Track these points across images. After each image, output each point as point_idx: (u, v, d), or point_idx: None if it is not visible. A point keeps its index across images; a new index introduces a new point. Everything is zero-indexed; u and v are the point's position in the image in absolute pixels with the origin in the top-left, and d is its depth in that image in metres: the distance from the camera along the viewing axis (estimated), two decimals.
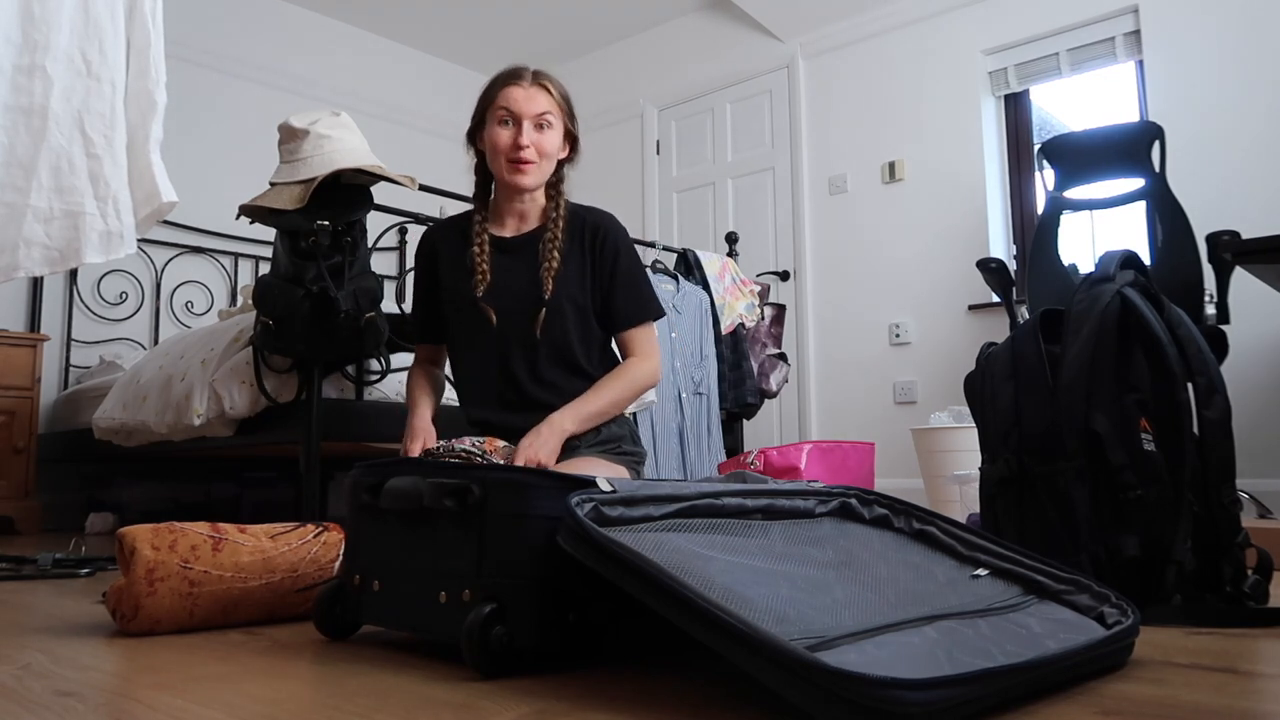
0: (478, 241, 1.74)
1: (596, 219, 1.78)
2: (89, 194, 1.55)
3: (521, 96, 1.67)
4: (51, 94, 1.50)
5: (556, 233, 1.73)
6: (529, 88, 1.68)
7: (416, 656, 1.04)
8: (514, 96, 1.67)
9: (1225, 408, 1.34)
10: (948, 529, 1.13)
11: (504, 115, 1.67)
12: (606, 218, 1.79)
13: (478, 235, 1.74)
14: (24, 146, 1.48)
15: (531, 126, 1.67)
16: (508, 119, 1.67)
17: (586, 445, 1.70)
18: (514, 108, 1.66)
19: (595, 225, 1.76)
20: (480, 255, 1.72)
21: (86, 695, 0.87)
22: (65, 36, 1.51)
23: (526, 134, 1.66)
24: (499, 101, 1.68)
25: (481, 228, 1.75)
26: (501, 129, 1.67)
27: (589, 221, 1.77)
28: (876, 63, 4.43)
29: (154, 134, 1.68)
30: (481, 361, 1.74)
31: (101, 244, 1.57)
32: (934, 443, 3.30)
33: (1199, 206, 2.73)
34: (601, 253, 1.75)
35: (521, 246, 1.76)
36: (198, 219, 4.24)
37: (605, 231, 1.76)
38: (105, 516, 3.59)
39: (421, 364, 1.87)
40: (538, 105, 1.68)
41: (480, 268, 1.71)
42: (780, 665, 0.69)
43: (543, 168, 1.71)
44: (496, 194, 1.78)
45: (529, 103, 1.67)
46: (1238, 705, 0.80)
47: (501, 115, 1.67)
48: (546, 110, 1.69)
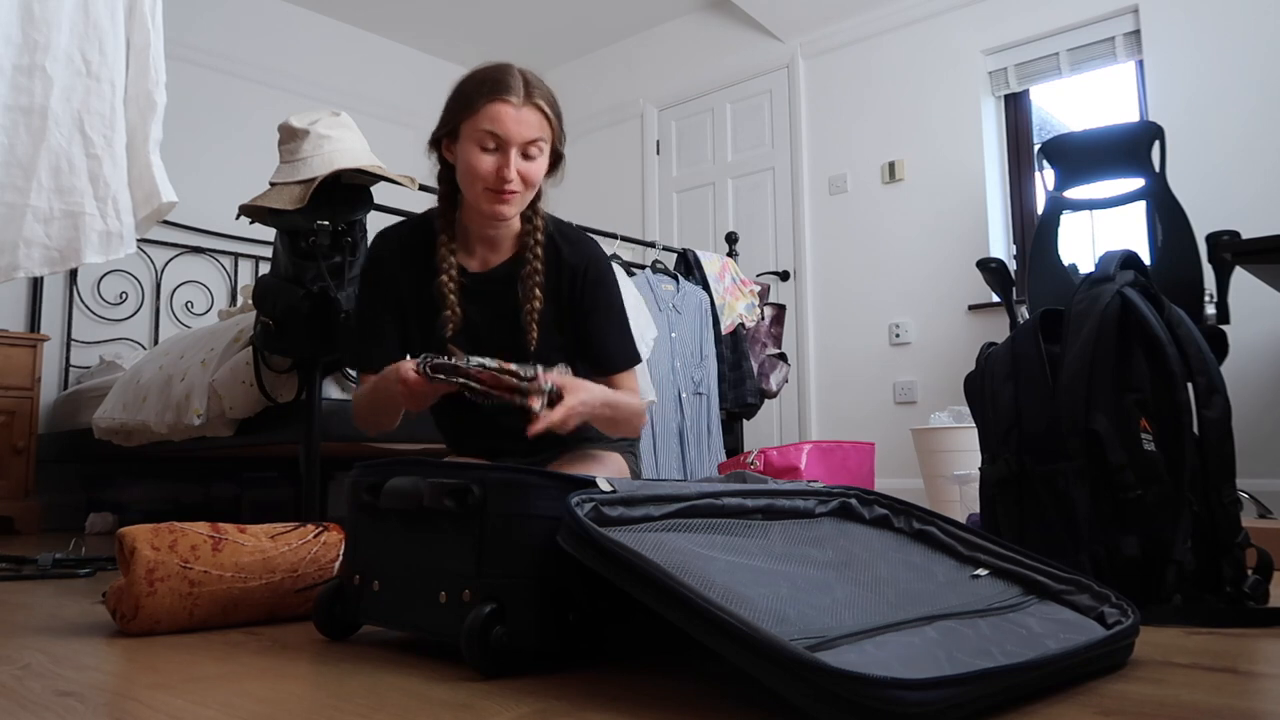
0: (445, 269, 1.49)
1: (577, 256, 1.55)
2: (89, 194, 1.55)
3: (512, 119, 1.42)
4: (51, 94, 1.50)
5: (536, 266, 1.51)
6: (520, 108, 1.42)
7: (416, 656, 1.04)
8: (503, 119, 1.41)
9: (1225, 407, 1.34)
10: (948, 529, 1.13)
11: (488, 139, 1.42)
12: (587, 251, 1.57)
13: (444, 261, 1.50)
14: (24, 146, 1.49)
15: (519, 154, 1.43)
16: (492, 144, 1.43)
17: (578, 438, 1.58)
18: (502, 131, 1.41)
19: (575, 265, 1.55)
20: (449, 288, 1.49)
21: (86, 695, 0.87)
22: (65, 36, 1.51)
23: (514, 164, 1.42)
24: (483, 121, 1.42)
25: (449, 251, 1.51)
26: (483, 154, 1.43)
27: (567, 258, 1.55)
28: (876, 63, 4.43)
29: (154, 134, 1.68)
30: (457, 408, 1.53)
31: (101, 244, 1.57)
32: (934, 443, 3.30)
33: (1199, 206, 2.73)
34: (584, 293, 1.55)
35: (495, 284, 1.54)
36: (198, 219, 4.24)
37: (587, 268, 1.55)
38: (105, 516, 3.59)
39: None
40: (529, 130, 1.43)
41: (450, 303, 1.49)
42: (780, 665, 0.69)
43: (526, 196, 1.48)
44: (464, 214, 1.54)
45: (519, 126, 1.42)
46: (1238, 705, 0.80)
47: (485, 138, 1.42)
48: (538, 137, 1.45)
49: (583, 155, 5.37)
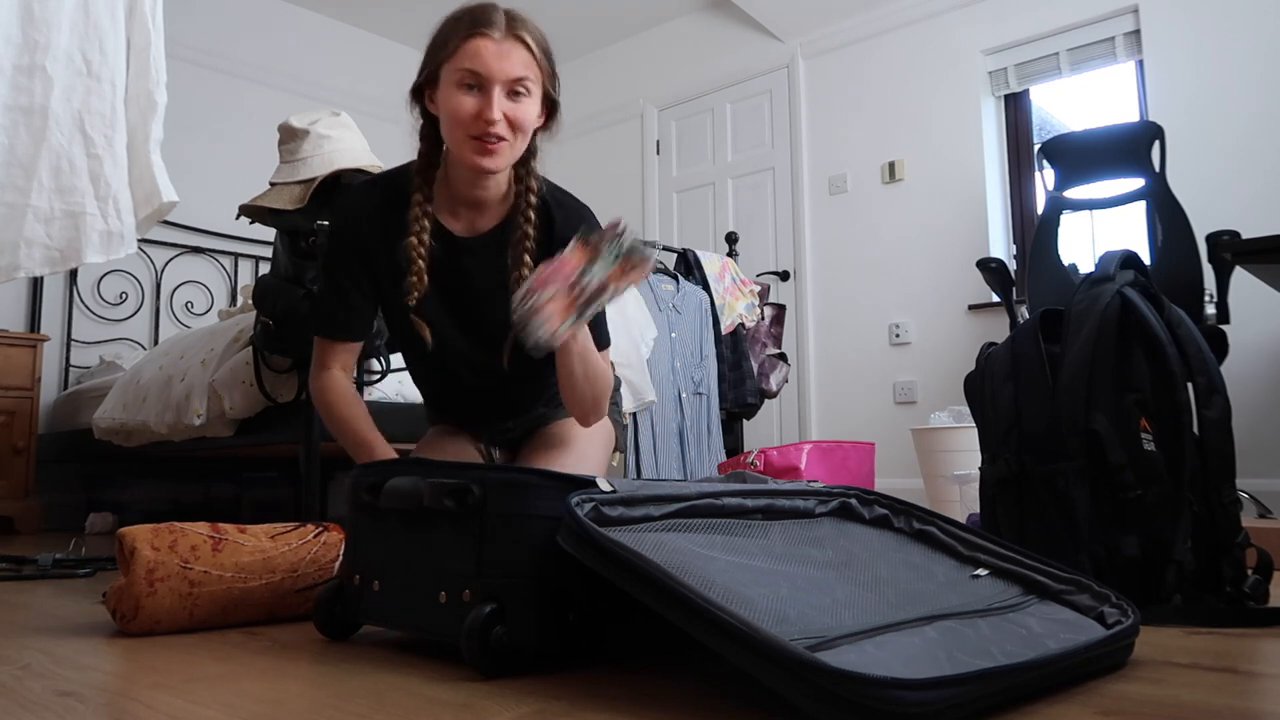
0: (416, 230, 1.35)
1: (569, 226, 1.38)
2: (89, 194, 1.55)
3: (492, 53, 1.27)
4: (52, 94, 1.50)
5: (527, 230, 1.37)
6: (502, 40, 1.28)
7: (416, 656, 1.04)
8: (482, 53, 1.27)
9: (1225, 407, 1.34)
10: (948, 529, 1.13)
11: (467, 77, 1.27)
12: (580, 220, 1.42)
13: (417, 221, 1.36)
14: (24, 146, 1.49)
15: (504, 93, 1.28)
16: (472, 82, 1.28)
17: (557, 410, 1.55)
18: (481, 68, 1.26)
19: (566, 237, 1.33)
20: (418, 251, 1.35)
21: (86, 695, 0.87)
22: (65, 36, 1.51)
23: (497, 104, 1.27)
24: (461, 58, 1.27)
25: (423, 211, 1.36)
26: (463, 95, 1.28)
27: (560, 227, 1.41)
28: (877, 63, 4.43)
29: (154, 134, 1.68)
30: (429, 375, 1.48)
31: (102, 244, 1.57)
32: (934, 443, 3.30)
33: (1199, 206, 2.73)
34: None
35: (480, 249, 1.41)
36: (198, 219, 4.24)
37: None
38: (105, 516, 3.59)
39: (332, 373, 1.44)
40: (513, 66, 1.28)
41: (417, 268, 1.35)
42: (780, 665, 0.69)
43: (515, 146, 1.33)
44: (448, 171, 1.39)
45: (502, 61, 1.27)
46: (1238, 705, 0.80)
47: (464, 77, 1.27)
48: (524, 75, 1.29)
49: (583, 155, 5.37)
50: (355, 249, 1.42)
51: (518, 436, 1.64)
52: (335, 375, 1.45)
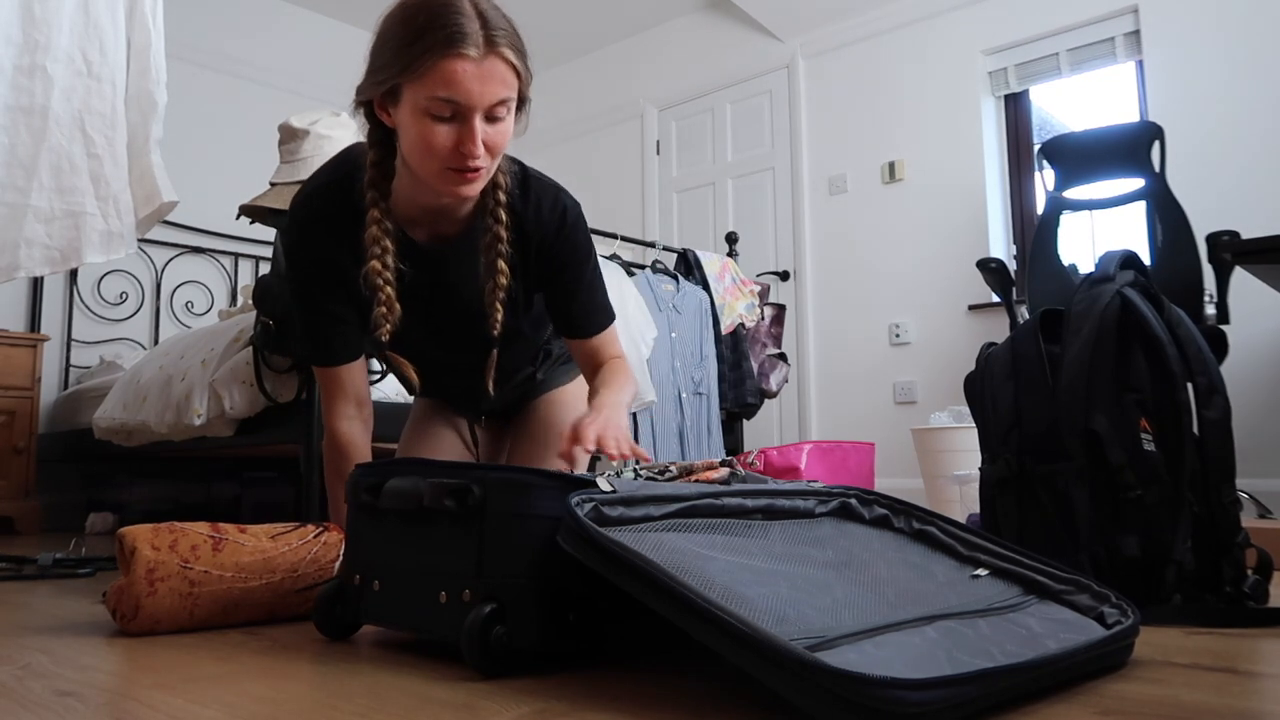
0: (377, 254, 1.20)
1: (543, 216, 1.29)
2: (90, 194, 1.55)
3: (472, 76, 1.09)
4: (52, 94, 1.50)
5: (499, 232, 1.25)
6: (481, 60, 1.09)
7: (416, 656, 1.04)
8: (460, 79, 1.08)
9: (1225, 408, 1.34)
10: (948, 529, 1.13)
11: (443, 108, 1.10)
12: (556, 210, 1.31)
13: (377, 243, 1.20)
14: (25, 146, 1.49)
15: (483, 118, 1.13)
16: (449, 113, 1.11)
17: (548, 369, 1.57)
18: (461, 97, 1.09)
19: (543, 231, 1.30)
20: (383, 277, 1.21)
21: (86, 695, 0.87)
22: (66, 36, 1.52)
23: (479, 134, 1.12)
24: (434, 84, 1.09)
25: (382, 230, 1.21)
26: (437, 125, 1.11)
27: (532, 221, 1.29)
28: (876, 63, 4.43)
29: (154, 134, 1.68)
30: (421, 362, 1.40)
31: (102, 244, 1.57)
32: (934, 443, 3.30)
33: (1199, 206, 2.73)
34: (552, 251, 1.31)
35: (451, 257, 1.29)
36: (198, 219, 4.24)
37: (560, 232, 1.31)
38: (105, 516, 3.59)
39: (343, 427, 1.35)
40: (494, 90, 1.11)
41: (384, 298, 1.22)
42: (780, 665, 0.69)
43: (493, 166, 1.20)
44: (407, 181, 1.23)
45: (483, 85, 1.10)
46: (1238, 705, 0.80)
47: (439, 107, 1.10)
48: (506, 97, 1.13)
49: (583, 155, 5.37)
50: (321, 265, 1.30)
51: (512, 401, 1.63)
52: (348, 430, 1.37)
